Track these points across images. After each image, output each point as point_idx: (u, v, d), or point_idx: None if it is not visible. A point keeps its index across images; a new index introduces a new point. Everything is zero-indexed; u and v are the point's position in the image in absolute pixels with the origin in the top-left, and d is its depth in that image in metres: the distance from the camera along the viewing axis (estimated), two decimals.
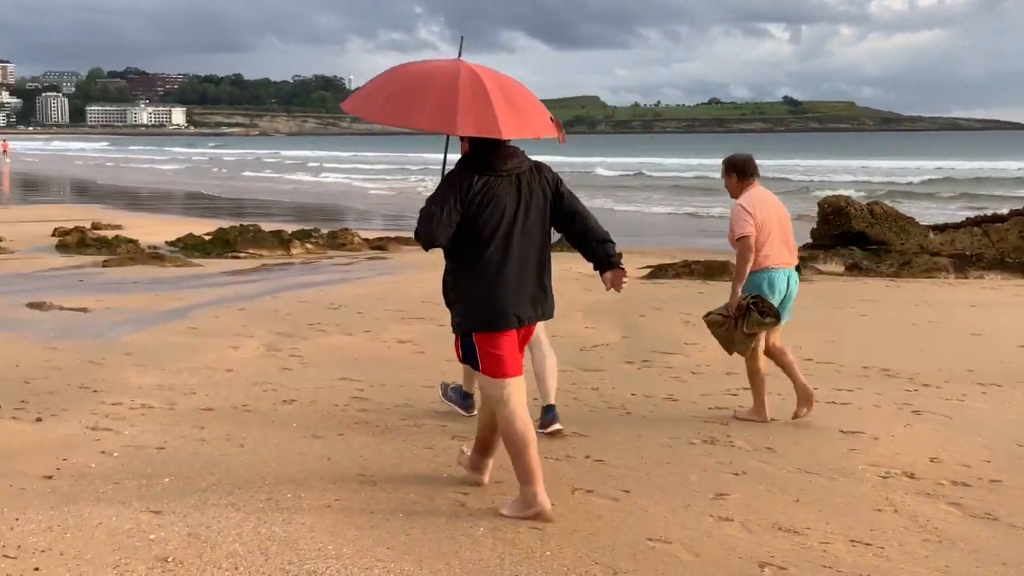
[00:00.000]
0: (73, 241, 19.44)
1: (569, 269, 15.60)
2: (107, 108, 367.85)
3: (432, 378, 8.43)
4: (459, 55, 5.54)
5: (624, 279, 5.47)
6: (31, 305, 11.77)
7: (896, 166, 62.42)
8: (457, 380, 7.38)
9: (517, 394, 5.25)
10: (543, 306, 5.40)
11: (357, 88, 5.69)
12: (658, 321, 11.44)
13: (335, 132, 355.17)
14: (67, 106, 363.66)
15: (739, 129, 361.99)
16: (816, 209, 20.28)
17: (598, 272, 5.53)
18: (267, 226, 21.27)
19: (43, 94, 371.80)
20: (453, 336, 5.49)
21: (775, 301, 7.02)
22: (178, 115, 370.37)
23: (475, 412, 6.91)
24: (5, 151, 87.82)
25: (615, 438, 6.67)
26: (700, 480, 5.81)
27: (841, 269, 16.78)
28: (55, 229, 21.22)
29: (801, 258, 7.78)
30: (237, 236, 19.20)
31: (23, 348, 9.37)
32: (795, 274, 7.21)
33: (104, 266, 16.25)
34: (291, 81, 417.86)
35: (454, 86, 5.14)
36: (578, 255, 5.70)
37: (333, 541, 4.76)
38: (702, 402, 7.75)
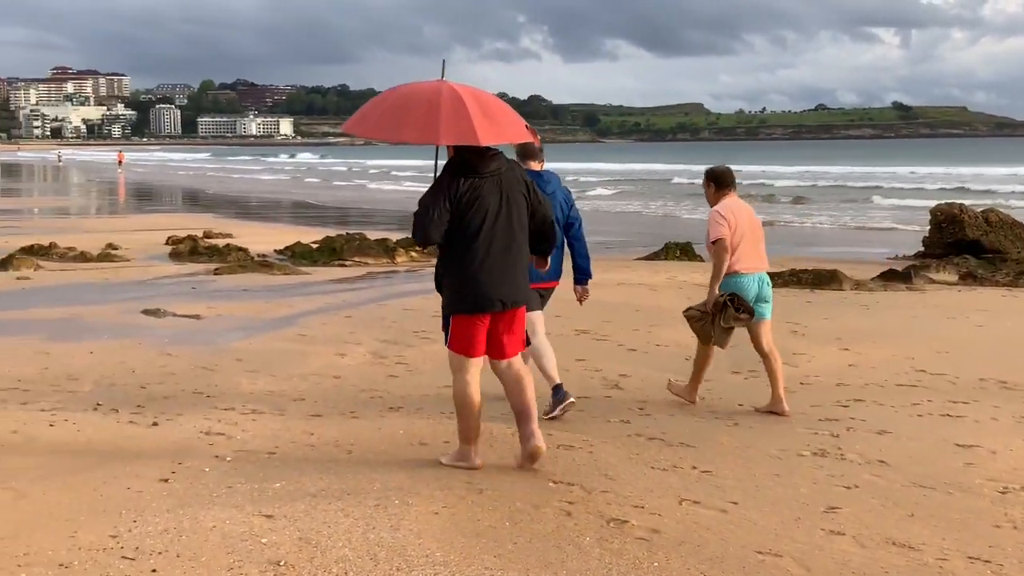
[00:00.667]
0: (186, 249, 19.93)
1: (673, 278, 15.50)
2: (217, 119, 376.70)
3: (538, 387, 8.42)
4: (442, 76, 6.27)
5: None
6: (146, 312, 12.09)
7: (1011, 173, 60.66)
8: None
9: (474, 370, 6.10)
10: (523, 291, 6.11)
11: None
12: None
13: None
14: (179, 118, 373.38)
15: (846, 135, 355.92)
16: (928, 217, 19.83)
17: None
18: (372, 235, 21.52)
19: (157, 106, 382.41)
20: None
21: (750, 296, 7.61)
22: (286, 125, 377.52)
23: (572, 398, 7.44)
24: (121, 162, 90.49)
25: (722, 449, 6.60)
26: (810, 493, 5.71)
27: (955, 278, 16.34)
28: (168, 238, 21.79)
29: (913, 267, 7.78)
30: (343, 245, 19.48)
31: (139, 353, 9.63)
32: (766, 277, 7.80)
33: (215, 274, 16.61)
34: None
35: (437, 103, 5.89)
36: (679, 263, 5.75)
37: (441, 548, 4.79)
38: (812, 413, 7.61)
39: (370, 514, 5.25)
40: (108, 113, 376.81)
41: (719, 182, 7.80)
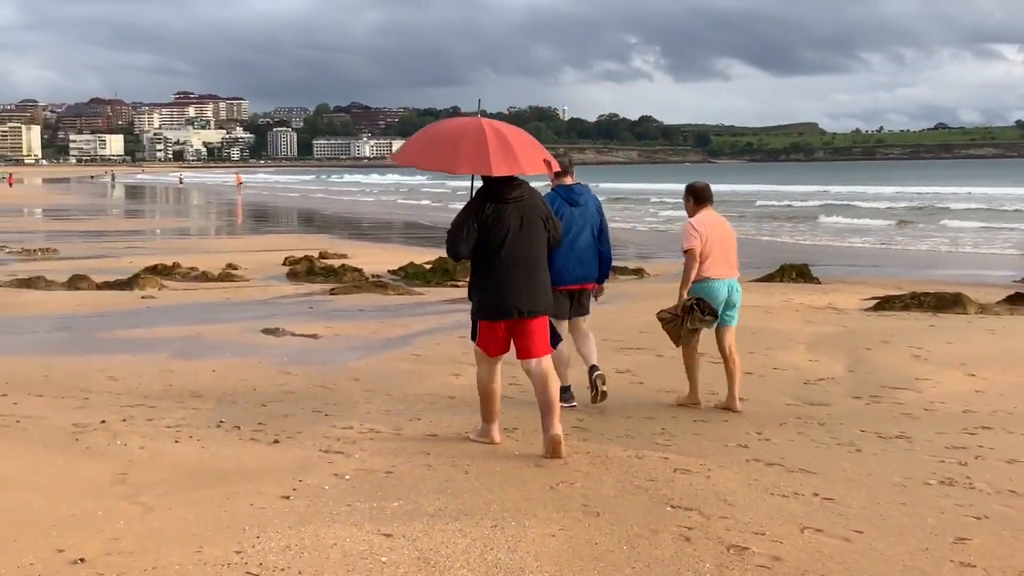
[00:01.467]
0: (302, 270, 20.32)
1: (789, 300, 15.25)
2: (332, 141, 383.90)
3: (652, 410, 8.38)
4: (479, 114, 7.38)
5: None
6: (266, 331, 12.33)
7: None
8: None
9: (494, 366, 7.18)
10: (539, 301, 6.99)
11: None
12: (886, 355, 10.99)
13: None
14: (295, 140, 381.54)
15: (967, 155, 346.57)
16: None
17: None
18: None
19: (274, 129, 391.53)
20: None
21: (719, 301, 8.42)
22: (398, 147, 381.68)
23: (575, 403, 8.41)
24: (239, 184, 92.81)
25: (844, 476, 6.44)
26: (938, 523, 5.54)
27: None
28: (285, 258, 22.25)
29: None
30: (456, 265, 19.62)
31: (259, 372, 9.83)
32: (736, 283, 8.53)
33: (331, 294, 16.89)
34: (506, 112, 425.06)
35: (462, 138, 6.95)
36: (795, 285, 5.69)
37: (559, 571, 4.77)
38: (937, 440, 7.39)
39: (487, 535, 5.25)
40: (227, 136, 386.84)
41: (697, 197, 8.58)
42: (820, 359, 10.71)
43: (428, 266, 20.18)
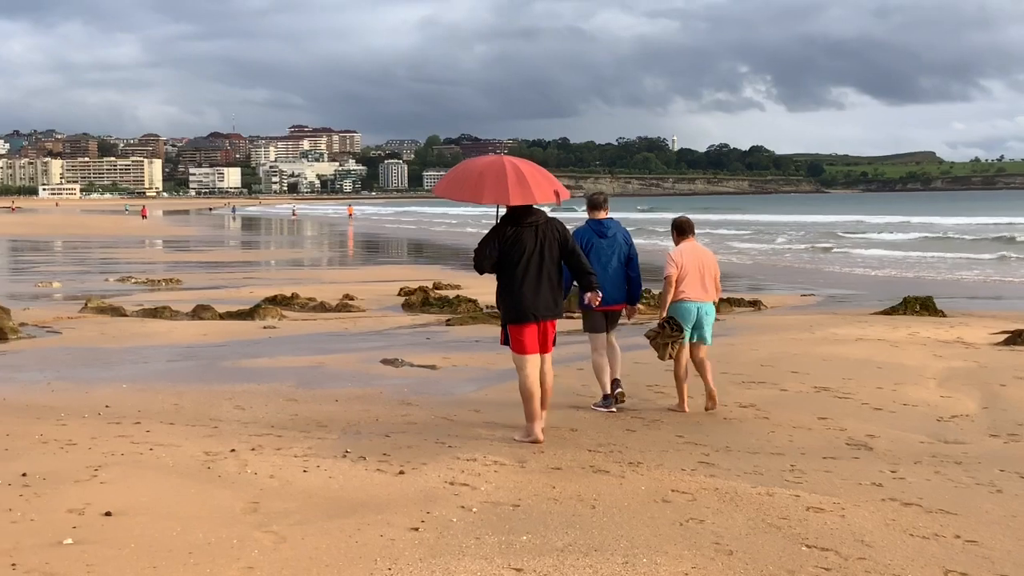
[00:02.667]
0: (417, 300, 20.48)
1: (915, 334, 14.85)
2: (442, 173, 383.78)
3: (779, 445, 8.20)
4: (503, 154, 9.50)
5: (596, 299, 8.63)
6: (385, 361, 12.43)
7: None
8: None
9: (531, 365, 8.34)
10: (553, 309, 8.40)
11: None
12: (1023, 392, 10.61)
13: (658, 193, 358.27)
14: (406, 172, 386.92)
15: None
16: None
17: (583, 292, 8.66)
18: None
19: (385, 161, 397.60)
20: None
21: (688, 324, 9.61)
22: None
23: (614, 409, 9.54)
24: (351, 215, 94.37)
25: (987, 517, 6.21)
26: None
27: None
28: (400, 289, 22.47)
29: None
30: (572, 297, 19.55)
31: (381, 402, 9.90)
32: (708, 306, 9.72)
33: (447, 324, 16.99)
34: (615, 143, 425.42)
35: (486, 174, 8.31)
36: (920, 319, 5.49)
37: None
38: None
39: (618, 571, 5.18)
40: (340, 168, 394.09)
41: (680, 230, 9.92)
42: (952, 395, 10.38)
43: None
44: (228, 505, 6.28)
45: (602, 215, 9.83)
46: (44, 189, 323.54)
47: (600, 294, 8.67)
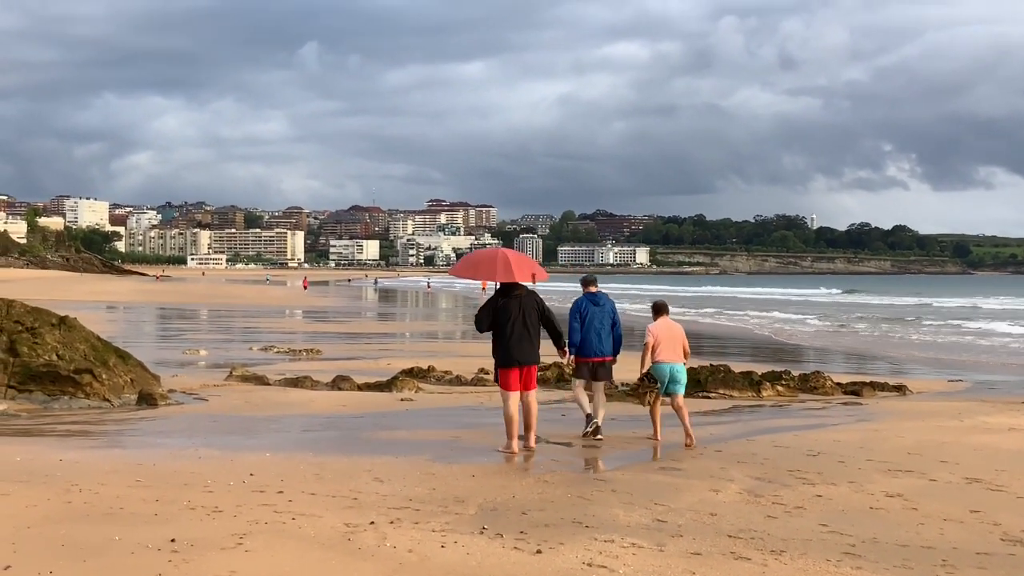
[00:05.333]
0: (552, 376, 20.44)
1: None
2: (576, 248, 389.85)
3: (930, 538, 7.90)
4: (498, 245, 13.40)
5: (565, 357, 12.55)
6: (521, 438, 12.42)
7: None
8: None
9: (512, 399, 11.50)
10: (530, 357, 11.60)
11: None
12: None
13: (796, 271, 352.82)
14: (541, 247, 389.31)
15: None
16: None
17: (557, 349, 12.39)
18: (735, 366, 21.26)
19: (520, 235, 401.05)
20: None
21: (663, 379, 12.50)
22: (642, 254, 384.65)
23: (592, 428, 12.57)
24: (484, 288, 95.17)
25: None
26: None
27: None
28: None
29: None
30: (708, 376, 19.34)
31: (517, 478, 9.91)
32: (679, 366, 12.63)
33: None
34: (752, 220, 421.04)
35: (482, 261, 12.21)
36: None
37: None
38: None
39: None
40: (476, 242, 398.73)
41: (656, 311, 12.97)
42: None
43: None
44: None
45: (594, 289, 12.91)
46: (192, 258, 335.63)
47: (568, 353, 12.46)
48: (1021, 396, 18.86)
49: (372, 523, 7.77)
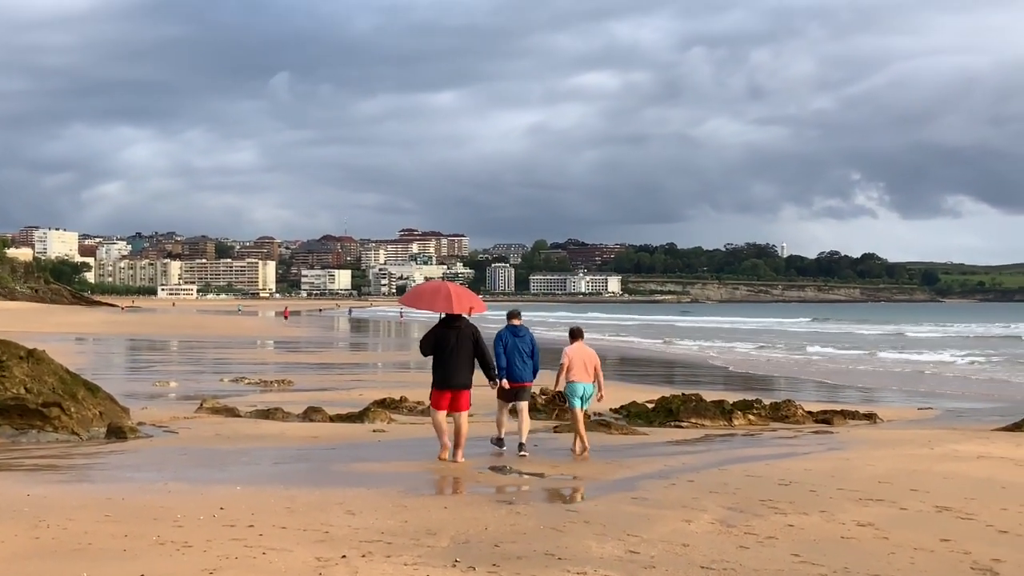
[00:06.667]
0: (557, 419, 20.39)
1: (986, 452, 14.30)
2: (548, 277, 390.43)
3: (901, 567, 7.93)
4: (451, 283, 14.75)
5: (494, 387, 13.66)
6: (493, 468, 12.44)
7: None
8: None
9: (440, 415, 13.07)
10: (463, 380, 13.06)
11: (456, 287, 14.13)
12: None
13: (766, 299, 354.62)
14: (513, 276, 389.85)
15: None
16: None
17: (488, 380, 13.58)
18: (707, 395, 21.32)
19: (492, 265, 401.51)
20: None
21: (575, 396, 14.13)
22: (613, 283, 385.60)
23: (504, 448, 14.05)
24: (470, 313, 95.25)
25: None
26: None
27: None
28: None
29: None
30: (680, 405, 19.39)
31: (489, 510, 9.86)
32: (590, 385, 14.18)
33: (555, 431, 16.92)
34: (723, 249, 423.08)
35: (424, 292, 14.10)
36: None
37: None
38: None
39: None
40: (448, 271, 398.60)
41: (571, 336, 14.59)
42: None
43: (650, 405, 20.00)
44: None
45: (517, 323, 14.27)
46: (163, 289, 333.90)
47: (498, 383, 13.60)
48: (990, 424, 19.00)
49: (344, 557, 7.72)
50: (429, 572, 7.37)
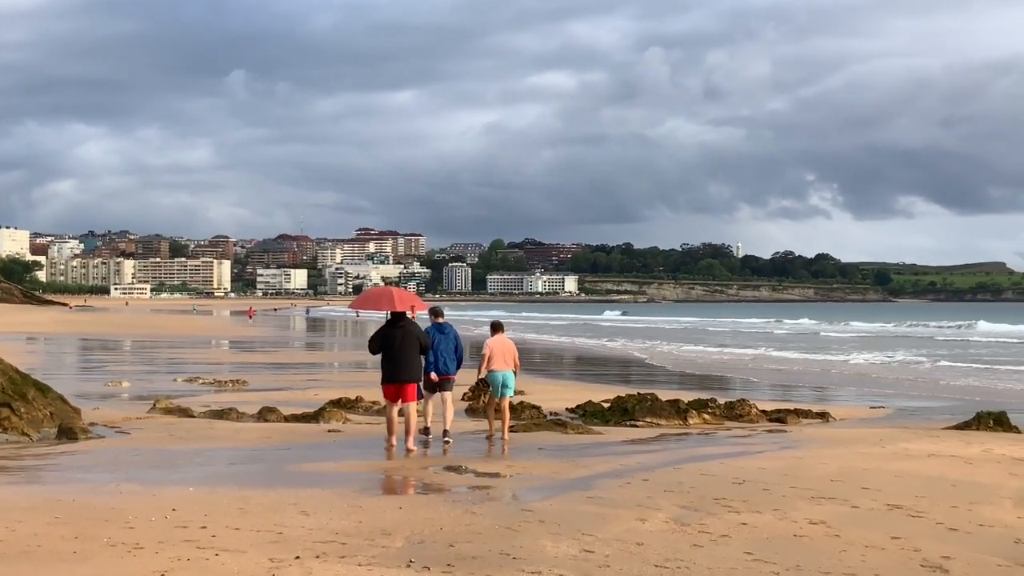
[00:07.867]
0: (481, 405, 20.43)
1: (989, 451, 14.53)
2: (506, 277, 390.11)
3: (852, 565, 8.00)
4: (388, 284, 16.49)
5: (435, 379, 15.10)
6: (448, 468, 12.42)
7: None
8: None
9: (391, 408, 14.32)
10: (410, 375, 14.11)
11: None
12: None
13: (722, 299, 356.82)
14: (470, 275, 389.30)
15: None
16: None
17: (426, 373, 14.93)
18: (663, 394, 21.42)
19: (449, 264, 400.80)
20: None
21: (496, 385, 15.50)
22: (570, 283, 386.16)
23: (431, 436, 15.21)
24: (412, 318, 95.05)
25: None
26: None
27: None
28: (464, 393, 22.41)
29: None
30: (635, 405, 19.46)
31: (445, 510, 9.85)
32: (509, 374, 15.56)
33: (511, 431, 16.89)
34: (679, 249, 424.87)
35: (371, 295, 16.49)
36: (995, 435, 5.29)
37: None
38: None
39: None
40: (405, 271, 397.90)
41: (493, 328, 16.07)
42: None
43: (606, 404, 20.05)
44: None
45: (441, 320, 15.48)
46: (116, 288, 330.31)
47: (435, 376, 15.01)
48: (940, 422, 19.23)
49: (297, 558, 7.68)
50: (383, 573, 7.34)
